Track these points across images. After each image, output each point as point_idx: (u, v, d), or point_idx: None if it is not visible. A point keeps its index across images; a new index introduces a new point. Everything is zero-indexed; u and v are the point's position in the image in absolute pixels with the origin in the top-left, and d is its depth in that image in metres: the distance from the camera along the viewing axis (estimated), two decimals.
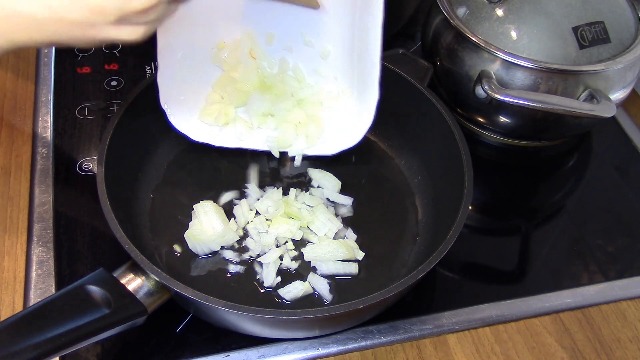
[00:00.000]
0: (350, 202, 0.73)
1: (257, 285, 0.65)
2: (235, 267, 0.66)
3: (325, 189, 0.73)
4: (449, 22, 0.76)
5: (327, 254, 0.66)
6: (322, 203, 0.71)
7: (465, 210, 0.60)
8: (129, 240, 0.55)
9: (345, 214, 0.72)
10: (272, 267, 0.65)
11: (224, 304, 0.52)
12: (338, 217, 0.71)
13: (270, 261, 0.65)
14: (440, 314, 0.66)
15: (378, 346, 0.63)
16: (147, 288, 0.55)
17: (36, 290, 0.64)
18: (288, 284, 0.64)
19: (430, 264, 0.56)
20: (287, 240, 0.68)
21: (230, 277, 0.65)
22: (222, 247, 0.67)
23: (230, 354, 0.61)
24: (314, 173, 0.75)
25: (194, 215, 0.68)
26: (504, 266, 0.73)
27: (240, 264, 0.66)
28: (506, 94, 0.70)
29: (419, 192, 0.75)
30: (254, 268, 0.66)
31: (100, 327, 0.51)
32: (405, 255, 0.69)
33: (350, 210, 0.72)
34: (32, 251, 0.67)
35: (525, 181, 0.83)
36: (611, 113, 0.70)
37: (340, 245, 0.66)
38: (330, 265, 0.65)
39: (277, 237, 0.68)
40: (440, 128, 0.69)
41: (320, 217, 0.69)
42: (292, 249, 0.68)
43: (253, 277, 0.65)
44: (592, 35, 0.73)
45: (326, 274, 0.65)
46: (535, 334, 0.65)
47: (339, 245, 0.66)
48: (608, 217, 0.78)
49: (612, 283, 0.71)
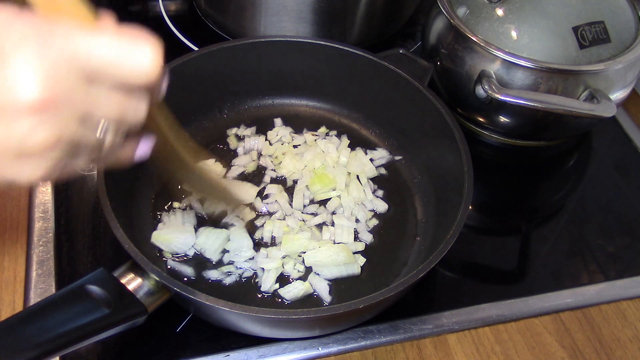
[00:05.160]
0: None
1: (254, 288, 0.65)
2: (238, 270, 0.66)
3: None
4: (449, 22, 0.76)
5: (327, 259, 0.65)
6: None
7: (465, 210, 0.60)
8: (129, 240, 0.55)
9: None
10: (272, 273, 0.65)
11: (224, 304, 0.52)
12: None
13: (272, 268, 0.65)
14: (440, 314, 0.66)
15: (378, 346, 0.63)
16: (147, 288, 0.55)
17: (36, 290, 0.64)
18: (288, 284, 0.64)
19: (430, 264, 0.56)
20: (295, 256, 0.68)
21: (230, 279, 0.65)
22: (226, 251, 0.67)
23: (230, 354, 0.61)
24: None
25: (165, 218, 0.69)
26: (504, 266, 0.73)
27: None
28: (506, 94, 0.70)
29: (419, 192, 0.75)
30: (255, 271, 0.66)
31: (100, 327, 0.51)
32: (405, 255, 0.69)
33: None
34: (32, 251, 0.67)
35: (525, 181, 0.83)
36: (611, 113, 0.70)
37: (341, 250, 0.66)
38: (333, 270, 0.65)
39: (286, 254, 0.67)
40: (440, 128, 0.69)
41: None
42: (299, 259, 0.67)
43: (252, 279, 0.65)
44: (592, 35, 0.73)
45: (329, 278, 0.65)
46: (535, 333, 0.65)
47: (339, 250, 0.66)
48: (608, 217, 0.78)
49: (612, 283, 0.71)
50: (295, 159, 0.76)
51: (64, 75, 0.35)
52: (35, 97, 0.34)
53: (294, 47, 0.77)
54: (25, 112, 0.34)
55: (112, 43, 0.35)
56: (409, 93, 0.73)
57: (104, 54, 0.35)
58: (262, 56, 0.77)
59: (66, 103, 0.35)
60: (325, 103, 0.83)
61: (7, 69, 0.33)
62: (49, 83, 0.34)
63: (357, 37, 0.91)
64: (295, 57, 0.78)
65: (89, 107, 0.36)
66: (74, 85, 0.35)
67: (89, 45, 0.35)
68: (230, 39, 0.89)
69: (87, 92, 0.36)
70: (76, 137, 0.37)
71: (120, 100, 0.37)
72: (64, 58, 0.35)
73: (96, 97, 0.36)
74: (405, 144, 0.78)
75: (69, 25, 0.35)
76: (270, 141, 0.79)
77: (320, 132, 0.80)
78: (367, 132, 0.81)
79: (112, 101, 0.37)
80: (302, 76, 0.80)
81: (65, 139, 0.36)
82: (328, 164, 0.75)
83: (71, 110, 0.36)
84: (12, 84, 0.33)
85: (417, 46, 0.95)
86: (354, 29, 0.90)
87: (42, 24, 0.35)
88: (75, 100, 0.35)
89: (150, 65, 0.36)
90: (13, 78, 0.33)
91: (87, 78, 0.36)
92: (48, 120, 0.35)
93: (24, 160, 0.36)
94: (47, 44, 0.34)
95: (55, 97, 0.34)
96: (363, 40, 0.91)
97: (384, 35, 0.95)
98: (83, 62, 0.35)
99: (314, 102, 0.83)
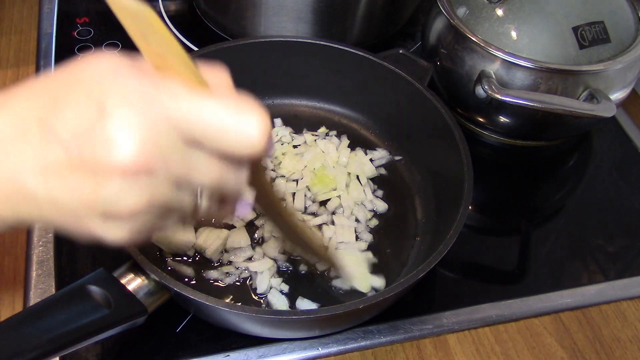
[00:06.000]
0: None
1: (250, 290, 0.65)
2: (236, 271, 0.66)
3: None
4: (449, 22, 0.76)
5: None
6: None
7: (465, 210, 0.60)
8: None
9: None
10: (266, 274, 0.65)
11: (224, 304, 0.53)
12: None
13: (264, 269, 0.65)
14: (440, 314, 0.66)
15: (378, 346, 0.63)
16: (147, 288, 0.55)
17: (36, 290, 0.64)
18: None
19: (430, 264, 0.56)
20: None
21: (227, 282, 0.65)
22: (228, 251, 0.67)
23: (230, 354, 0.61)
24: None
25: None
26: (504, 266, 0.73)
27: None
28: (506, 94, 0.70)
29: (419, 192, 0.75)
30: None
31: (100, 327, 0.51)
32: (405, 255, 0.69)
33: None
34: (32, 251, 0.67)
35: (525, 181, 0.83)
36: (611, 113, 0.70)
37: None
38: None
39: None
40: (440, 128, 0.69)
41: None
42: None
43: (247, 280, 0.65)
44: (592, 35, 0.73)
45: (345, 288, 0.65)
46: (535, 334, 0.65)
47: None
48: (608, 217, 0.78)
49: (612, 283, 0.71)
50: (295, 159, 0.76)
51: (164, 138, 0.32)
52: (130, 160, 0.32)
53: (294, 47, 0.77)
54: (117, 174, 0.32)
55: (219, 109, 0.33)
56: (409, 93, 0.73)
57: (208, 119, 0.33)
58: (262, 56, 0.77)
59: (162, 168, 0.33)
60: (325, 103, 0.83)
61: (105, 126, 0.32)
62: (146, 146, 0.32)
63: (357, 37, 0.91)
64: (295, 57, 0.77)
65: (186, 173, 0.34)
66: (173, 150, 0.33)
67: (194, 108, 0.33)
68: (230, 39, 0.89)
69: (186, 157, 0.34)
70: (169, 201, 0.35)
71: (220, 167, 0.35)
72: (167, 119, 0.33)
73: (195, 163, 0.34)
74: (405, 144, 0.78)
75: (176, 85, 0.33)
76: None
77: (320, 132, 0.80)
78: (367, 132, 0.81)
79: (212, 168, 0.35)
80: (302, 76, 0.80)
81: (157, 203, 0.34)
82: (328, 164, 0.75)
83: (167, 175, 0.33)
84: (108, 143, 0.31)
85: (417, 46, 0.95)
86: (354, 29, 0.90)
87: (149, 80, 0.33)
88: (172, 165, 0.33)
89: (256, 138, 0.33)
90: (109, 136, 0.31)
91: (188, 142, 0.33)
92: (141, 184, 0.33)
93: (110, 221, 0.34)
94: (151, 103, 0.32)
95: (152, 162, 0.32)
96: (363, 40, 0.91)
97: (384, 35, 0.95)
98: (186, 126, 0.33)
99: (313, 102, 0.83)
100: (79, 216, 0.34)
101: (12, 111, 0.34)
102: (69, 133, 0.32)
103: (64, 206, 0.34)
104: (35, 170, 0.33)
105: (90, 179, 0.32)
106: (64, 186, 0.33)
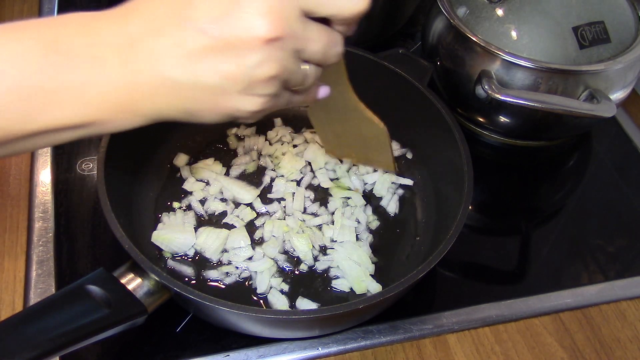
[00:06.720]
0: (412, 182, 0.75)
1: (250, 290, 0.65)
2: (237, 271, 0.66)
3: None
4: (449, 22, 0.76)
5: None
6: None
7: (465, 210, 0.60)
8: (129, 240, 0.55)
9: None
10: (266, 274, 0.65)
11: (224, 304, 0.52)
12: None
13: (264, 269, 0.65)
14: (440, 314, 0.66)
15: (378, 346, 0.63)
16: (147, 288, 0.55)
17: (36, 290, 0.64)
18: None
19: (430, 264, 0.56)
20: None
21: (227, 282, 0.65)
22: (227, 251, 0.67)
23: (230, 354, 0.61)
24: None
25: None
26: (504, 266, 0.73)
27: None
28: (506, 94, 0.70)
29: (419, 192, 0.75)
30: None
31: (100, 327, 0.51)
32: (405, 255, 0.69)
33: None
34: (32, 251, 0.67)
35: (525, 181, 0.83)
36: (611, 113, 0.70)
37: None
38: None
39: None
40: (440, 128, 0.69)
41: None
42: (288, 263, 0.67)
43: (247, 280, 0.66)
44: (592, 35, 0.73)
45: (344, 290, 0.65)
46: (535, 334, 0.65)
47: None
48: (608, 217, 0.78)
49: (612, 283, 0.71)
50: (295, 159, 0.76)
51: (288, 12, 0.39)
52: (265, 32, 0.38)
53: None
54: (256, 47, 0.39)
55: None
56: (409, 93, 0.73)
57: None
58: None
59: (288, 38, 0.40)
60: None
61: (241, 6, 0.38)
62: (276, 20, 0.38)
63: (357, 37, 0.90)
64: None
65: (303, 42, 0.41)
66: (295, 21, 0.40)
67: None
68: None
69: (304, 26, 0.41)
70: (291, 71, 0.42)
71: (327, 35, 0.42)
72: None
73: (310, 32, 0.41)
74: (405, 143, 0.78)
75: None
76: (270, 141, 0.79)
77: None
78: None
79: (321, 36, 0.42)
80: None
81: (284, 72, 0.41)
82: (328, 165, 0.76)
83: (291, 45, 0.40)
84: (245, 22, 0.38)
85: (417, 46, 0.95)
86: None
87: None
88: (295, 35, 0.40)
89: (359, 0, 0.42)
90: (246, 16, 0.38)
91: (306, 13, 0.41)
92: (274, 54, 0.39)
93: (248, 93, 0.40)
94: None
95: (282, 32, 0.39)
96: (363, 40, 0.91)
97: (384, 35, 0.94)
98: (303, 0, 0.40)
99: None
100: (220, 94, 0.40)
101: (145, 12, 0.39)
102: (208, 19, 0.38)
103: (208, 88, 0.40)
104: (178, 60, 0.39)
105: (233, 56, 0.39)
106: (209, 68, 0.39)
